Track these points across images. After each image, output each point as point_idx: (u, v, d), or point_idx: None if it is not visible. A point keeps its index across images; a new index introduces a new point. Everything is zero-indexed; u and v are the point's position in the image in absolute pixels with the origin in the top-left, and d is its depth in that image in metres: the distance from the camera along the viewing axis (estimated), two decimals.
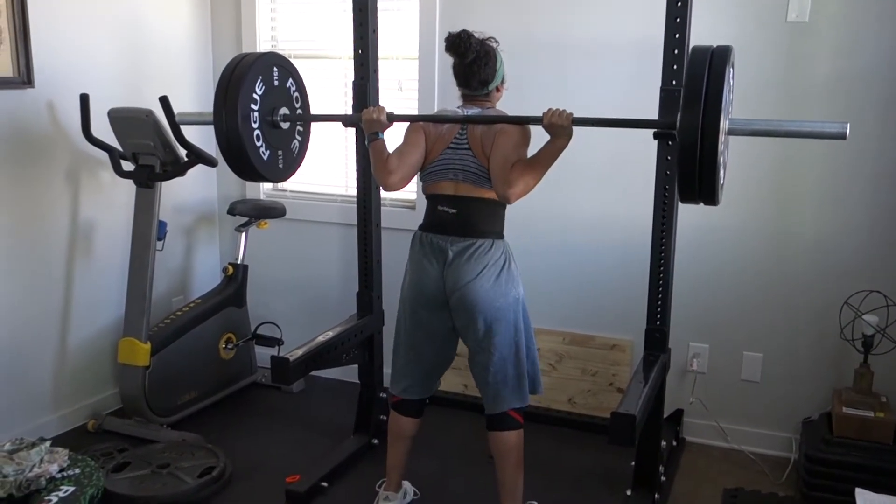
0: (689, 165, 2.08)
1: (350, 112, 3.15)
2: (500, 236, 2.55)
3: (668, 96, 2.57)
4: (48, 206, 3.26)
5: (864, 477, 2.73)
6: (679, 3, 2.55)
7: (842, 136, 2.15)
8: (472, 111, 2.55)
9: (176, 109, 3.12)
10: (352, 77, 3.13)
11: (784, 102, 3.07)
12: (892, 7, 2.90)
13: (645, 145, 2.68)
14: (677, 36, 2.56)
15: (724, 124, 2.09)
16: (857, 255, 3.08)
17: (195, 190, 3.93)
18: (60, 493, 2.15)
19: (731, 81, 2.20)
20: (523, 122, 2.48)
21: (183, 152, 3.24)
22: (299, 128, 2.94)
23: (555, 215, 3.45)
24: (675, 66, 2.57)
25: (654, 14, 2.70)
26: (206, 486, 2.88)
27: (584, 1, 3.28)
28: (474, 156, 2.50)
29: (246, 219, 3.74)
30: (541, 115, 2.41)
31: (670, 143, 2.61)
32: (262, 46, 3.89)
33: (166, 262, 3.76)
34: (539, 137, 2.49)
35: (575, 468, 3.14)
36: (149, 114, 3.12)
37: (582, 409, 3.51)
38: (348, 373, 3.68)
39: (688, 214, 2.86)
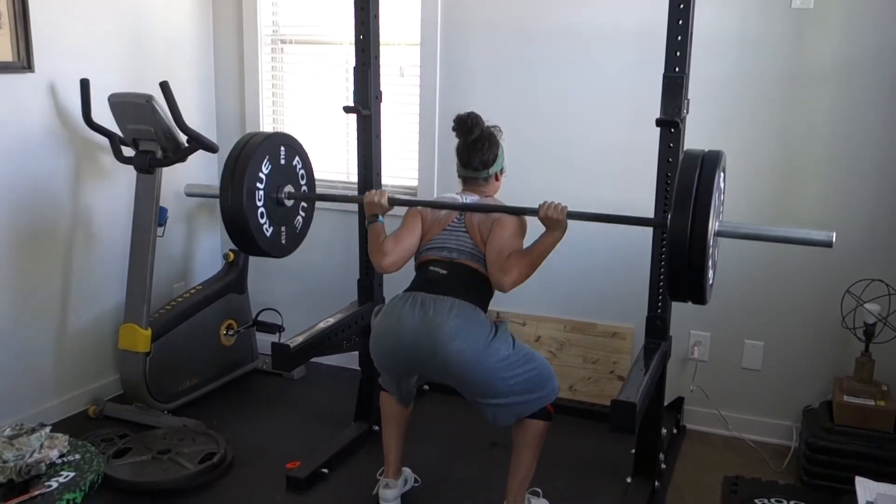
0: (678, 266, 2.15)
1: (352, 98, 3.14)
2: (485, 310, 2.51)
3: (670, 83, 2.56)
4: (48, 191, 3.25)
5: (865, 465, 2.74)
6: None
7: (828, 245, 2.23)
8: (471, 199, 2.63)
9: (176, 94, 3.11)
10: (353, 63, 3.12)
11: (789, 89, 3.06)
12: None
13: (648, 133, 2.67)
14: (680, 22, 2.55)
15: (713, 226, 2.15)
16: (859, 244, 3.07)
17: (196, 176, 3.91)
18: (60, 479, 2.15)
19: (722, 185, 2.27)
20: (520, 213, 2.56)
21: (184, 138, 3.23)
22: (303, 204, 2.99)
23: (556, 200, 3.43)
24: (678, 53, 2.56)
25: (657, 0, 2.68)
26: (206, 471, 2.89)
27: None
28: (471, 238, 2.56)
29: None
30: (537, 206, 2.48)
31: (672, 130, 2.60)
32: (263, 32, 3.87)
33: (167, 248, 3.76)
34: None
35: (575, 455, 3.14)
36: (149, 99, 3.10)
37: (583, 396, 3.51)
38: (349, 360, 3.68)
39: None
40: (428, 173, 3.63)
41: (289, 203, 2.87)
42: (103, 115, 3.23)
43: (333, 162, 3.88)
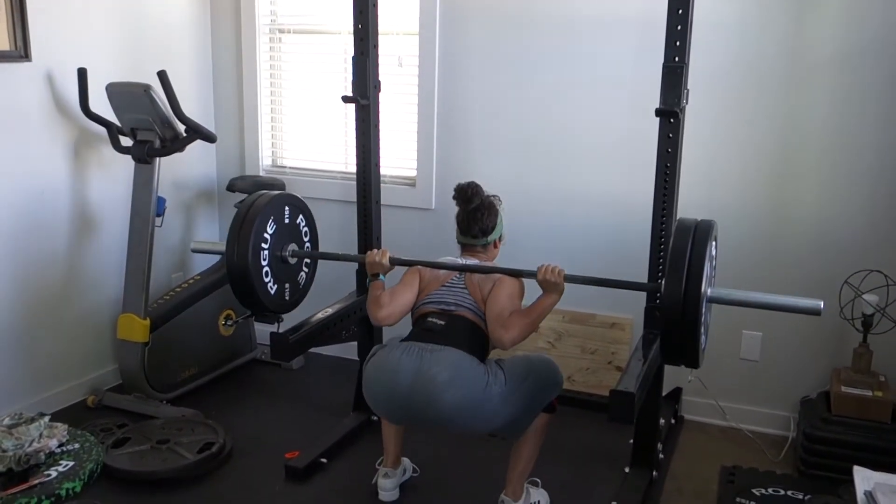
0: (672, 330, 2.22)
1: (350, 87, 3.13)
2: (482, 361, 2.49)
3: (669, 73, 2.55)
4: (46, 181, 3.24)
5: (862, 455, 2.74)
6: None
7: (816, 313, 2.28)
8: (471, 262, 2.65)
9: (174, 84, 3.10)
10: (351, 52, 3.10)
11: (790, 77, 3.05)
12: None
13: (646, 123, 2.66)
14: (680, 11, 2.53)
15: (705, 292, 2.21)
16: (858, 235, 3.07)
17: (194, 166, 3.92)
18: (60, 468, 2.15)
19: (714, 252, 2.34)
20: (518, 275, 2.59)
21: (182, 128, 3.22)
22: (305, 266, 3.04)
23: (555, 193, 3.43)
24: (677, 43, 2.54)
25: None
26: (205, 461, 2.89)
27: None
28: (470, 294, 2.58)
29: (245, 195, 3.71)
30: (535, 269, 2.52)
31: (672, 120, 2.59)
32: (261, 21, 3.85)
33: (165, 238, 3.75)
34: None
35: (574, 446, 3.15)
36: (147, 88, 3.09)
37: (581, 387, 3.51)
38: (348, 350, 3.68)
39: (688, 192, 2.85)
40: (426, 163, 3.62)
41: (292, 261, 2.93)
42: (101, 104, 3.22)
43: (332, 152, 3.87)
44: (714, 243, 2.31)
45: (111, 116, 3.26)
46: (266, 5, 3.87)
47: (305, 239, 3.02)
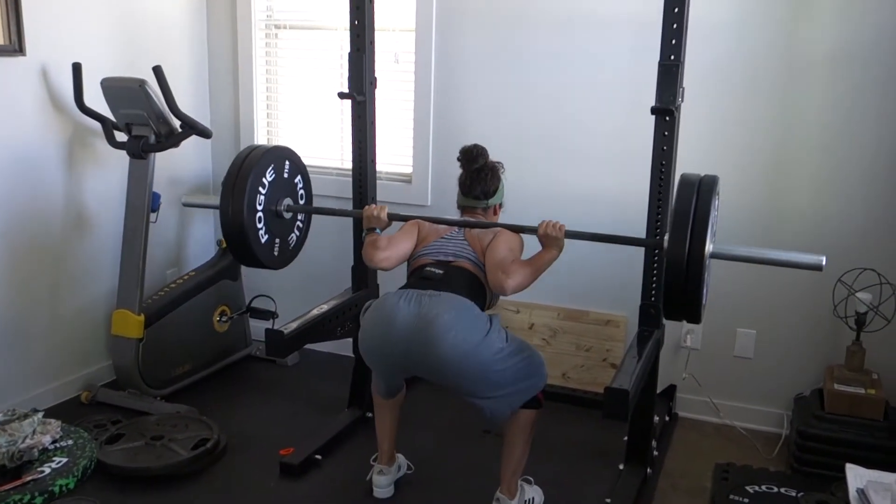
0: (675, 285, 2.22)
1: (346, 84, 3.12)
2: (482, 310, 2.50)
3: (665, 71, 2.56)
4: (40, 176, 3.23)
5: (855, 453, 2.75)
6: None
7: (818, 268, 2.30)
8: (471, 220, 2.68)
9: (170, 79, 3.09)
10: (348, 49, 3.10)
11: (784, 77, 3.06)
12: None
13: (642, 120, 2.67)
14: (676, 10, 2.54)
15: (708, 248, 2.22)
16: (852, 233, 3.08)
17: (189, 161, 3.90)
18: (53, 465, 2.14)
19: (716, 211, 2.33)
20: (518, 230, 2.59)
21: (177, 123, 3.21)
22: (299, 222, 3.02)
23: (551, 190, 3.43)
24: (673, 41, 2.55)
25: None
26: (199, 458, 2.89)
27: None
28: (470, 245, 2.59)
29: None
30: (536, 225, 2.53)
31: (668, 118, 2.60)
32: (258, 17, 3.84)
33: (160, 233, 3.74)
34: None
35: (568, 443, 3.16)
36: (142, 83, 3.08)
37: (576, 384, 3.52)
38: (343, 346, 3.68)
39: None
40: (422, 159, 3.62)
41: (287, 216, 2.92)
42: (96, 99, 3.21)
43: (327, 148, 3.86)
44: (717, 199, 2.30)
45: (106, 111, 3.25)
46: (262, 1, 3.86)
47: (299, 188, 3.00)
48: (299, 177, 3.00)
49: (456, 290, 2.45)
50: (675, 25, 2.55)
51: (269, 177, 2.84)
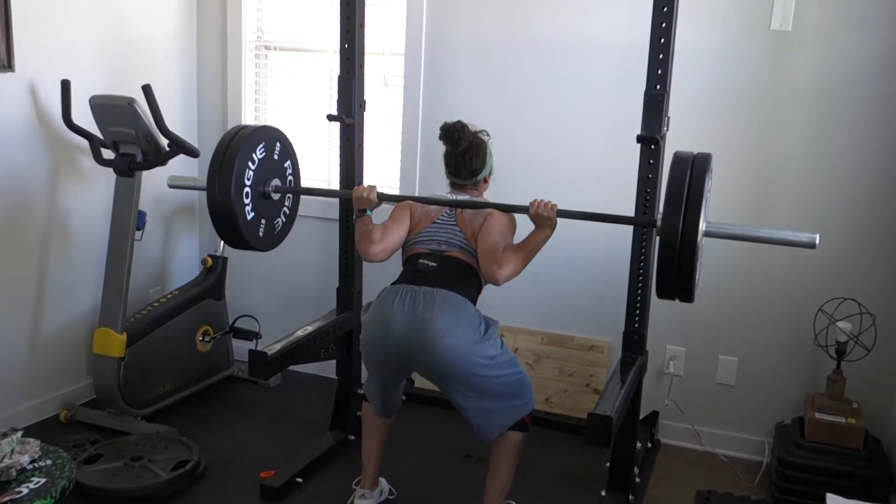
0: (668, 264, 2.19)
1: (335, 106, 3.14)
2: (475, 304, 2.51)
3: (651, 101, 2.59)
4: (26, 192, 3.22)
5: (835, 482, 2.77)
6: (665, 9, 2.57)
7: (811, 246, 2.25)
8: (461, 197, 2.64)
9: (159, 99, 3.09)
10: (337, 71, 3.12)
11: (767, 109, 3.10)
12: (873, 17, 2.93)
13: (628, 149, 2.70)
14: (662, 41, 2.58)
15: (702, 226, 2.19)
16: (833, 263, 3.12)
17: None
18: (31, 485, 2.11)
19: (710, 189, 2.30)
20: (510, 210, 2.57)
21: (164, 142, 3.21)
22: (287, 204, 2.97)
23: None
24: (659, 71, 2.59)
25: (640, 18, 2.72)
26: (179, 479, 2.86)
27: (573, 3, 3.28)
28: (461, 231, 2.57)
29: None
30: (527, 205, 2.49)
31: (653, 147, 2.63)
32: (248, 38, 3.86)
33: (145, 252, 3.73)
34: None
35: (550, 468, 3.15)
36: (131, 102, 3.08)
37: (559, 409, 3.52)
38: (326, 368, 3.66)
39: None
40: (410, 183, 3.63)
41: (275, 196, 2.84)
42: (83, 116, 3.21)
43: (315, 170, 3.87)
44: (710, 176, 2.27)
45: (94, 129, 3.24)
46: (253, 22, 3.88)
47: (288, 175, 2.93)
48: (288, 161, 2.91)
49: (449, 283, 2.45)
50: (661, 56, 2.59)
51: (258, 155, 2.74)
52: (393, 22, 3.58)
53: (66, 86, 3.17)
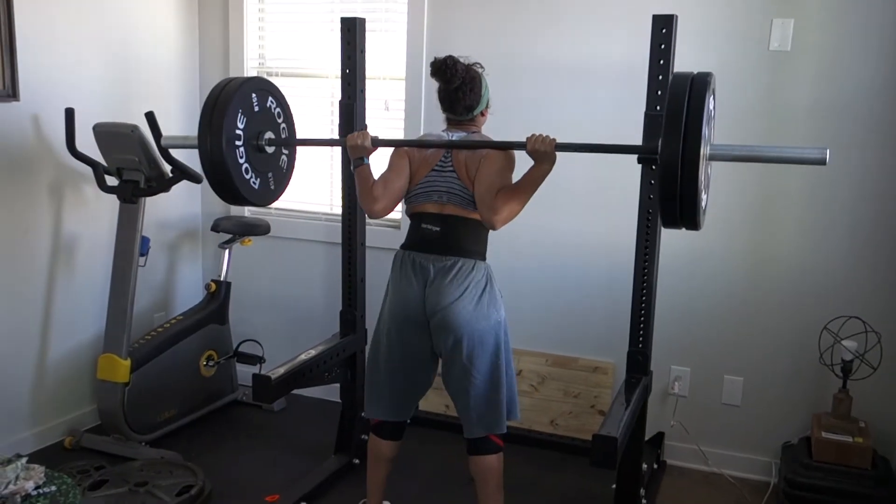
0: (670, 190, 2.09)
1: (337, 131, 3.16)
2: (483, 258, 2.56)
3: (651, 121, 2.60)
4: (30, 219, 3.24)
5: (843, 502, 2.76)
6: (664, 31, 2.59)
7: (821, 162, 2.15)
8: (457, 135, 2.57)
9: (162, 126, 3.12)
10: (339, 96, 3.15)
11: (766, 129, 3.12)
12: (871, 37, 2.95)
13: (629, 169, 2.71)
14: (661, 62, 2.60)
15: (704, 150, 2.10)
16: (837, 281, 3.11)
17: (179, 206, 3.92)
18: None
19: (713, 108, 2.22)
20: (507, 147, 2.50)
21: (168, 168, 3.23)
22: (285, 150, 2.92)
23: (539, 237, 3.46)
24: (658, 92, 2.61)
25: (639, 40, 2.74)
26: None
27: (571, 26, 3.32)
28: (459, 179, 2.52)
29: (230, 236, 3.73)
30: (524, 140, 2.43)
31: (653, 167, 2.63)
32: (250, 65, 3.90)
33: (148, 277, 3.74)
34: (524, 161, 2.50)
35: (556, 490, 3.14)
36: (134, 129, 3.11)
37: (563, 430, 3.51)
38: (330, 392, 3.66)
39: (671, 239, 2.89)
40: None
41: (269, 149, 2.77)
42: (87, 143, 3.23)
43: (318, 194, 3.89)
44: (713, 97, 2.17)
45: (97, 156, 3.27)
46: (255, 49, 3.92)
47: (280, 121, 2.84)
48: (276, 105, 2.81)
49: (455, 247, 2.50)
50: (660, 77, 2.61)
51: (251, 107, 2.66)
52: (394, 47, 3.61)
53: (69, 114, 3.20)
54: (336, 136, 3.15)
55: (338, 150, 3.24)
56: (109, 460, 3.19)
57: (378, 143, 2.61)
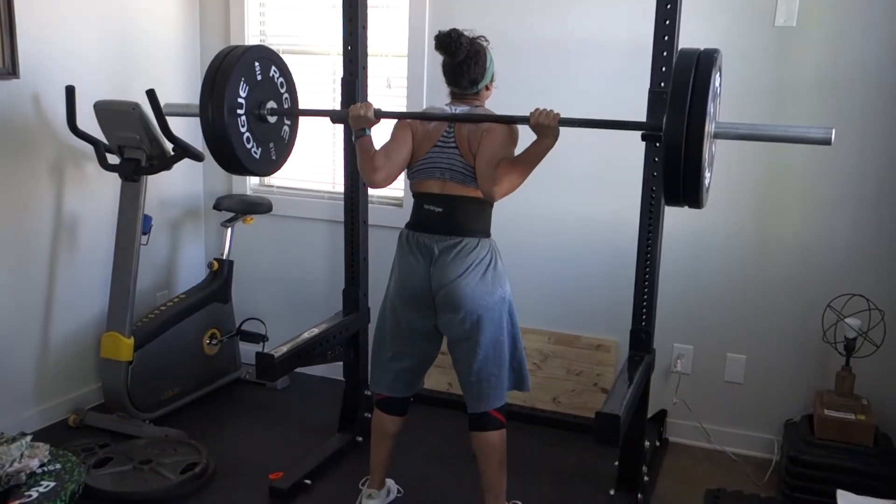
0: (673, 168, 2.08)
1: (339, 107, 3.14)
2: (487, 235, 2.55)
3: (656, 98, 2.58)
4: (31, 198, 3.23)
5: (845, 479, 2.75)
6: (668, 6, 2.56)
7: (827, 142, 2.14)
8: (461, 109, 2.55)
9: (163, 103, 3.10)
10: (340, 73, 3.12)
11: (772, 106, 3.09)
12: (878, 12, 2.92)
13: (633, 147, 2.69)
14: (666, 38, 2.57)
15: (709, 127, 2.08)
16: (841, 259, 3.10)
17: (181, 184, 3.91)
18: (41, 489, 2.13)
19: (719, 86, 2.20)
20: (510, 121, 2.48)
21: (169, 146, 3.22)
22: (287, 120, 2.90)
23: (542, 215, 3.45)
24: (663, 69, 2.58)
25: (644, 16, 2.71)
26: (188, 482, 2.87)
27: (575, 1, 3.28)
28: (461, 154, 2.50)
29: (232, 214, 3.73)
30: (528, 114, 2.41)
31: (657, 144, 2.62)
32: (251, 41, 3.87)
33: (151, 256, 3.74)
34: (527, 137, 2.49)
35: (559, 468, 3.15)
36: (135, 107, 3.09)
37: (566, 408, 3.52)
38: (333, 370, 3.67)
39: (674, 216, 2.87)
40: None
41: (272, 119, 2.76)
42: (88, 121, 3.22)
43: (320, 172, 3.88)
44: (719, 74, 2.16)
45: (98, 134, 3.25)
46: (256, 25, 3.89)
47: (284, 97, 2.83)
48: (278, 74, 2.80)
49: (458, 226, 2.49)
50: (664, 53, 2.58)
51: (253, 75, 2.65)
52: (395, 23, 3.58)
53: (70, 92, 3.18)
54: None
55: (340, 127, 3.22)
56: (114, 438, 3.20)
57: (381, 114, 2.59)
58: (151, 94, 3.06)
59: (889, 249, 3.06)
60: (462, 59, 2.50)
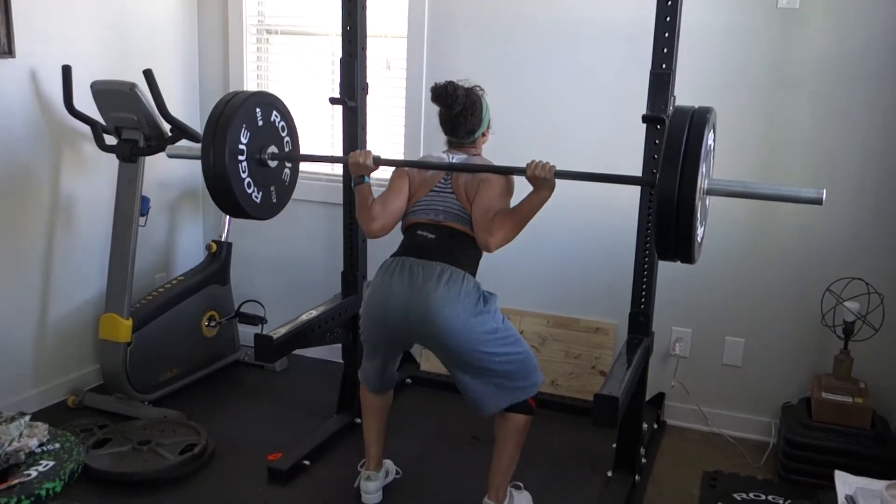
0: (666, 224, 2.11)
1: (337, 90, 3.12)
2: (473, 274, 2.50)
3: (657, 80, 2.57)
4: (28, 179, 3.22)
5: (842, 461, 2.76)
6: None
7: (818, 202, 2.17)
8: (458, 158, 2.60)
9: (160, 84, 3.08)
10: (339, 54, 3.10)
11: (774, 88, 3.08)
12: None
13: (633, 129, 2.68)
14: (668, 19, 2.55)
15: (702, 185, 2.11)
16: (840, 243, 3.10)
17: (179, 165, 3.89)
18: (40, 468, 2.12)
19: (712, 143, 2.22)
20: (507, 172, 2.52)
21: (167, 127, 3.20)
22: (288, 164, 2.92)
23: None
24: (665, 50, 2.56)
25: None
26: (187, 463, 2.87)
27: None
28: (458, 200, 2.54)
29: None
30: (524, 166, 2.44)
31: (658, 127, 2.61)
32: (249, 22, 3.84)
33: (149, 238, 3.73)
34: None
35: (557, 450, 3.16)
36: (132, 87, 3.07)
37: (565, 391, 3.52)
38: (332, 352, 3.67)
39: None
40: None
41: (272, 164, 2.79)
42: (85, 102, 3.20)
43: (318, 153, 3.85)
44: (712, 132, 2.19)
45: (95, 114, 3.23)
46: (254, 6, 3.86)
47: (284, 135, 2.85)
48: (286, 128, 2.84)
49: (448, 255, 2.44)
50: (666, 35, 2.56)
51: (254, 121, 2.67)
52: (395, 4, 3.55)
53: (67, 71, 3.16)
54: (336, 94, 3.11)
55: (338, 109, 3.20)
56: (112, 419, 3.21)
57: (380, 162, 2.62)
58: (149, 74, 3.04)
59: (889, 233, 3.06)
60: (459, 111, 2.56)
